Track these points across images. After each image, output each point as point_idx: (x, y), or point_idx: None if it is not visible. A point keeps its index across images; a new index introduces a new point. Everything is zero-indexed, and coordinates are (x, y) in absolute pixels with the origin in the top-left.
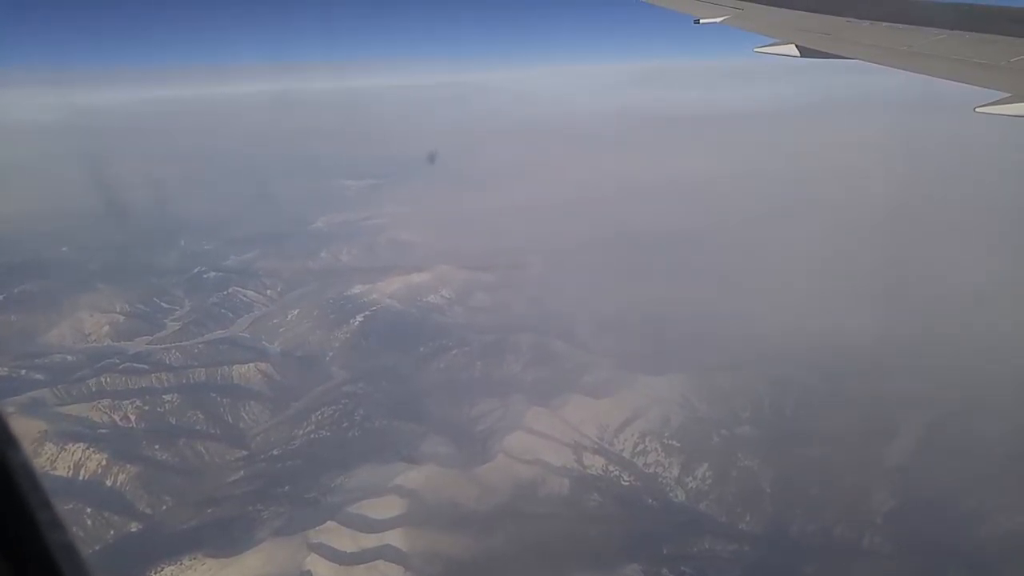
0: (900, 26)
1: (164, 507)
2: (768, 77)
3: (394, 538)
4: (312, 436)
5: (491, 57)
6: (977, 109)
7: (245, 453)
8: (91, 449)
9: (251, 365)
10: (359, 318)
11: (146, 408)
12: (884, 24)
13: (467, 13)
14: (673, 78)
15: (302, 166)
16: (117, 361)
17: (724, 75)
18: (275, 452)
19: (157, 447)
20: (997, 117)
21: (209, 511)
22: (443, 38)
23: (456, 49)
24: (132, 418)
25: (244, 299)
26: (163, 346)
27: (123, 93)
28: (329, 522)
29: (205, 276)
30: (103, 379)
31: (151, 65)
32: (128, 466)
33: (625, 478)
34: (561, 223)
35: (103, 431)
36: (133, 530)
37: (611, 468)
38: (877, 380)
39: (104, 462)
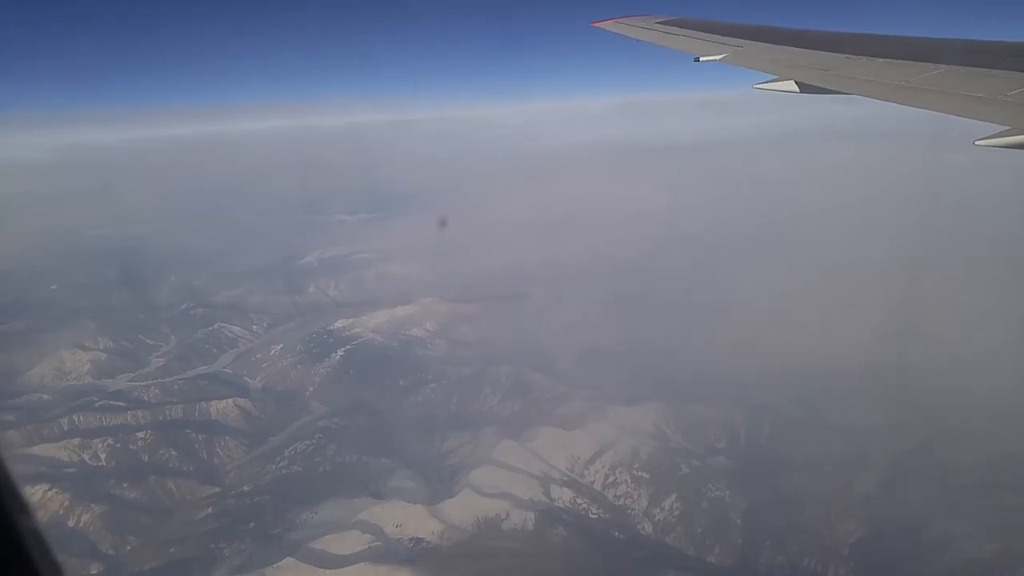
0: (897, 61)
1: (128, 547)
2: (770, 108)
3: (353, 574)
4: (284, 472)
5: (494, 92)
6: (977, 142)
7: (217, 490)
8: (54, 490)
9: (229, 401)
10: (340, 352)
11: (117, 446)
12: (881, 60)
13: (465, 49)
14: (671, 110)
15: (296, 201)
16: (94, 399)
17: (724, 107)
18: (246, 488)
19: (126, 486)
20: (997, 150)
21: (172, 551)
22: (442, 74)
23: (457, 85)
24: (102, 457)
25: (229, 335)
26: (144, 383)
27: (116, 132)
28: (288, 559)
29: (192, 312)
30: (76, 418)
31: (144, 105)
32: (93, 506)
33: (593, 511)
34: (547, 255)
35: (70, 471)
36: (93, 572)
37: (579, 501)
38: (854, 410)
39: (67, 502)
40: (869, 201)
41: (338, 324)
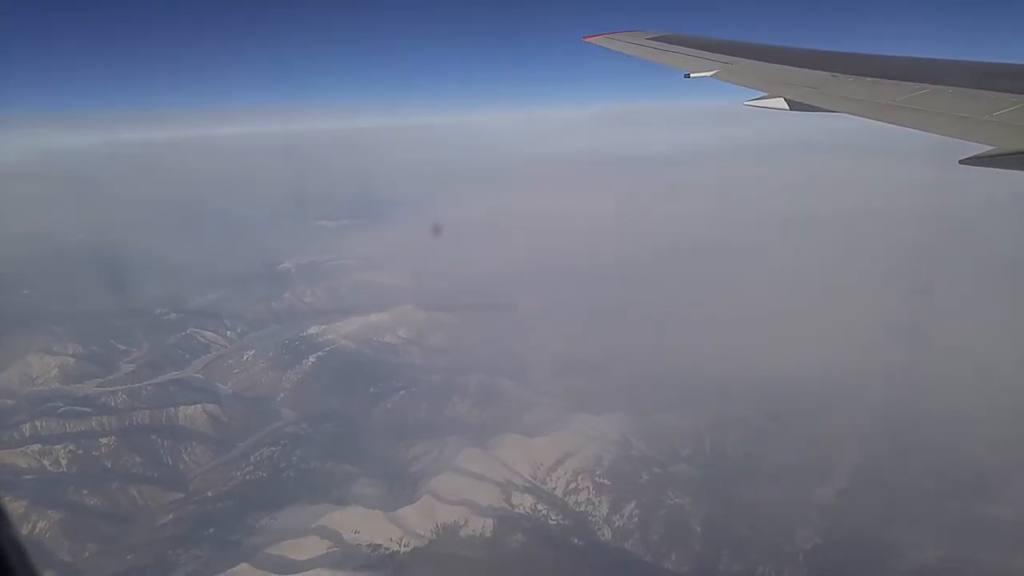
0: (883, 81)
1: (86, 554)
2: (761, 120)
3: None
4: (248, 477)
5: (484, 100)
6: (961, 161)
7: (180, 496)
8: (8, 497)
9: (198, 407)
10: (312, 359)
11: (80, 452)
12: (868, 79)
13: (455, 56)
14: (662, 120)
15: (277, 207)
16: (59, 405)
17: (715, 118)
18: (209, 494)
19: (86, 492)
20: (981, 169)
21: (129, 557)
22: (432, 81)
23: (447, 92)
24: (63, 463)
25: (202, 340)
26: (111, 389)
27: (98, 136)
28: (242, 564)
29: (166, 317)
30: (39, 424)
31: (125, 108)
32: (50, 512)
33: (553, 517)
34: (526, 264)
35: (27, 477)
36: None
37: (540, 507)
38: (821, 419)
39: (22, 509)
40: (846, 215)
41: (311, 330)
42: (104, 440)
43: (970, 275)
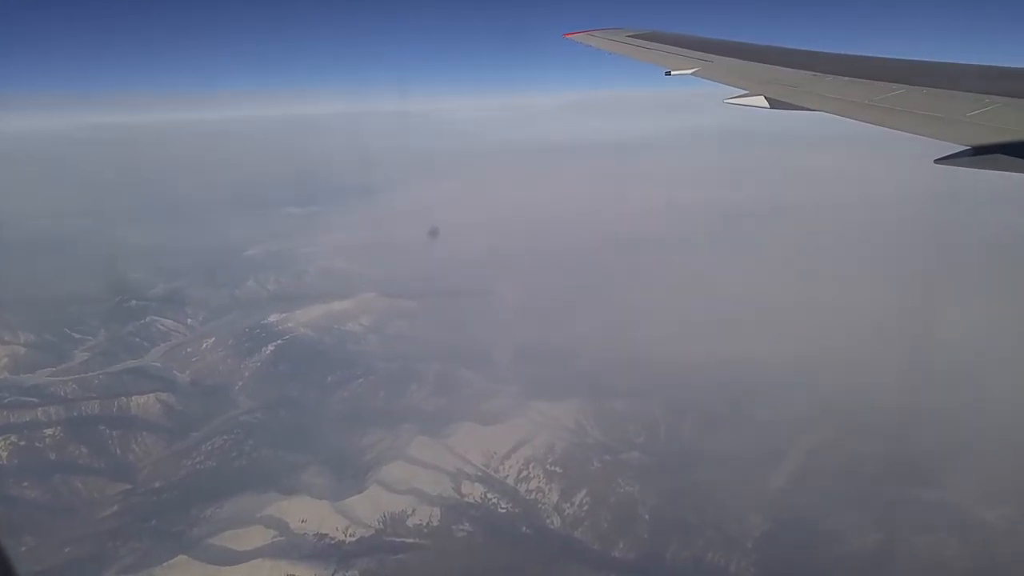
0: (861, 80)
1: (23, 548)
2: (738, 110)
3: (248, 571)
4: (198, 467)
5: (462, 86)
6: (936, 161)
7: (128, 487)
8: None
9: (151, 396)
10: (271, 347)
11: (22, 444)
12: (846, 78)
13: (435, 42)
14: (637, 107)
15: (245, 193)
16: (5, 395)
17: (691, 106)
18: (157, 485)
19: (26, 484)
20: (954, 169)
21: (67, 550)
22: (411, 68)
23: (426, 78)
24: (3, 455)
25: (161, 328)
26: (62, 378)
27: (60, 119)
28: (181, 556)
29: (125, 305)
30: None
31: (89, 91)
32: None
33: (503, 505)
34: (491, 252)
35: None
36: None
37: (490, 496)
38: (779, 405)
39: None
40: (815, 208)
41: (272, 318)
42: (49, 431)
43: (934, 268)
